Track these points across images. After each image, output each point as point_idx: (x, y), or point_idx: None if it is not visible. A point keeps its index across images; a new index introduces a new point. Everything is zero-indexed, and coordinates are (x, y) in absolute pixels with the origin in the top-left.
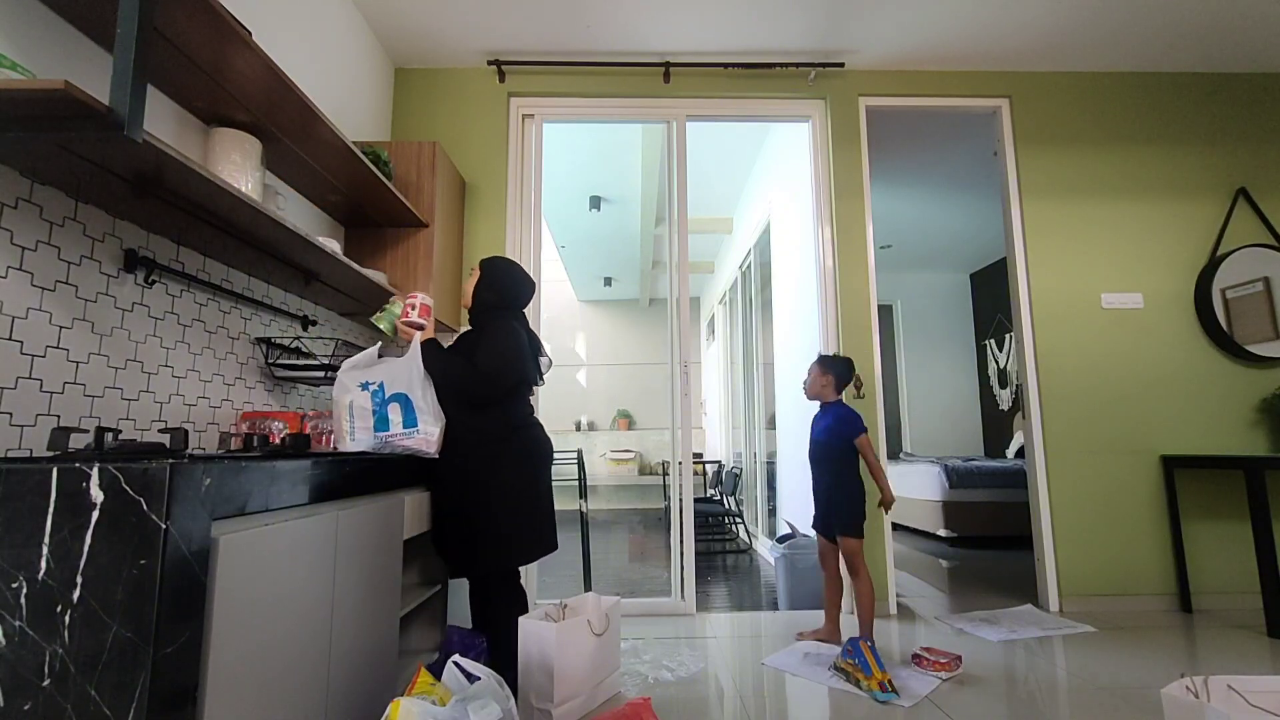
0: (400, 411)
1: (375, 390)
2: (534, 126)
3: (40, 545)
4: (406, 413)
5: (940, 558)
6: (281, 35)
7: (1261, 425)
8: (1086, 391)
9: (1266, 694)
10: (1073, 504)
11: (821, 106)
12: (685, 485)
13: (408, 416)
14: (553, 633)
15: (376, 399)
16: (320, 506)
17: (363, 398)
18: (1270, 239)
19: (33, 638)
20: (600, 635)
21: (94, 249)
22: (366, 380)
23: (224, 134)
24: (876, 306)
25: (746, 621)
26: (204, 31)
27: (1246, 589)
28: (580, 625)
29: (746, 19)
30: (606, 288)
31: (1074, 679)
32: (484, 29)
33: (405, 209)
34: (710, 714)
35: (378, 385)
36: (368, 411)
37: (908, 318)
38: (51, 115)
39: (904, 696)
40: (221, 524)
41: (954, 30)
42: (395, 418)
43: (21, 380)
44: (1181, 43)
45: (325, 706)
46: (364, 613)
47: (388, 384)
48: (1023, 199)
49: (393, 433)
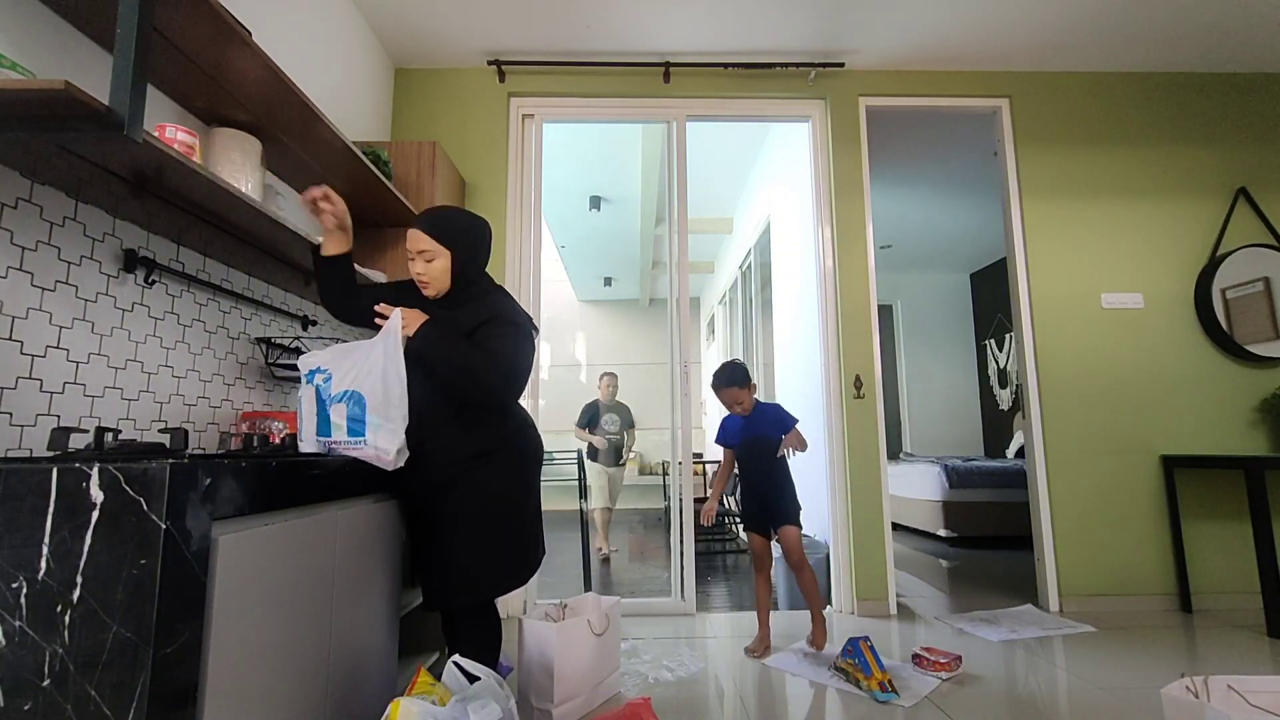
0: (345, 415)
1: (322, 383)
2: (534, 126)
3: (40, 545)
4: (354, 417)
5: (940, 558)
6: (281, 35)
7: (1261, 425)
8: (1086, 391)
9: (1266, 694)
10: (1073, 504)
11: (821, 106)
12: (685, 485)
13: (353, 424)
14: (554, 633)
15: (322, 393)
16: (320, 506)
17: (308, 391)
18: (1270, 239)
19: (33, 638)
20: (600, 635)
21: (94, 249)
22: (315, 367)
23: (224, 134)
24: (876, 306)
25: (746, 621)
26: (204, 31)
27: (1246, 589)
28: (580, 625)
29: (746, 19)
30: (606, 288)
31: (1074, 679)
32: (484, 29)
33: (405, 209)
34: (710, 714)
35: (325, 376)
36: (312, 410)
37: (908, 318)
38: (51, 115)
39: (904, 696)
40: (221, 524)
41: (954, 30)
42: (339, 421)
43: (21, 380)
44: (1181, 43)
45: (325, 706)
46: (364, 613)
47: (337, 376)
48: (1023, 199)
49: (335, 439)
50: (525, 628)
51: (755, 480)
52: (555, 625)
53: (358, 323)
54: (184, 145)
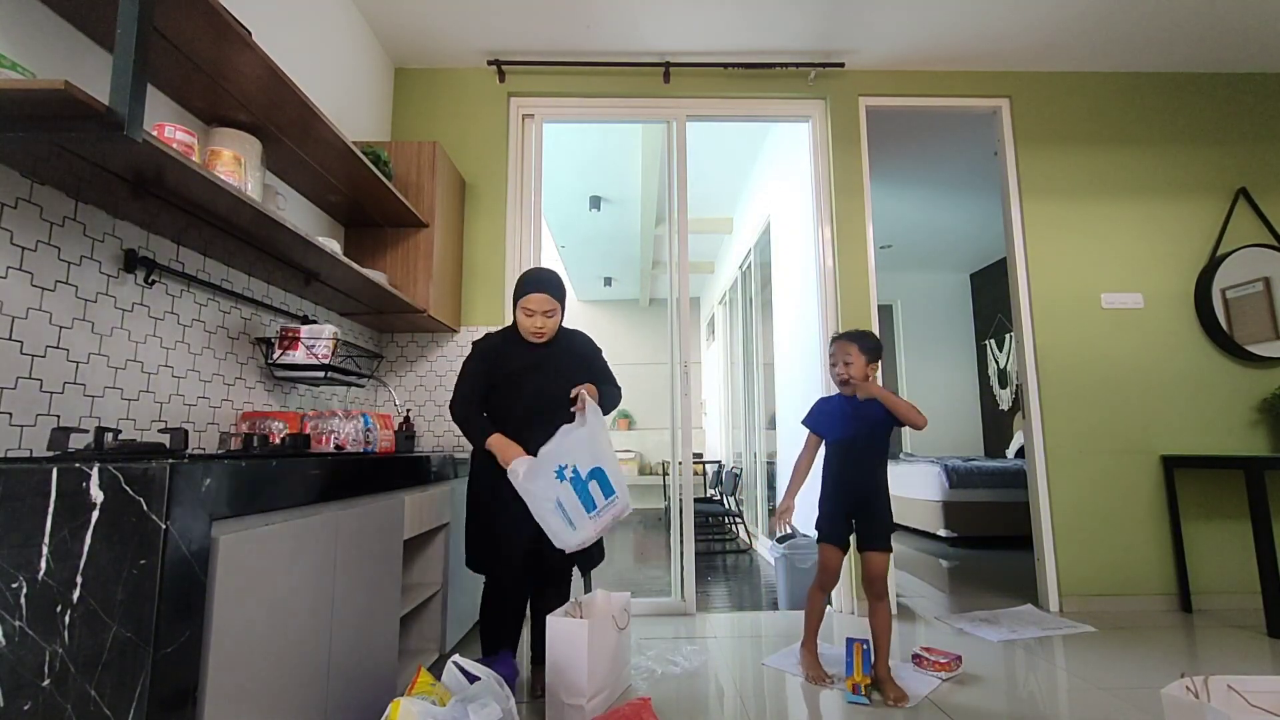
0: (599, 486)
1: (572, 475)
2: (534, 126)
3: (40, 545)
4: (604, 484)
5: (940, 558)
6: (281, 35)
7: (1261, 425)
8: (1086, 391)
9: (1266, 694)
10: (1073, 504)
11: (821, 106)
12: (685, 485)
13: (605, 488)
14: (585, 630)
15: (575, 483)
16: (320, 506)
17: (563, 489)
18: (1270, 239)
19: (33, 638)
20: (622, 630)
21: (94, 249)
22: (560, 465)
23: (224, 134)
24: (876, 306)
25: (746, 621)
26: (204, 31)
27: (1246, 589)
28: (607, 622)
29: (746, 19)
30: (606, 288)
31: (1074, 679)
32: (484, 29)
33: (405, 209)
34: (710, 713)
35: (572, 469)
36: (573, 500)
37: (908, 318)
38: (51, 115)
39: (887, 703)
40: (221, 524)
41: (954, 30)
42: (595, 492)
43: (21, 380)
44: (1182, 43)
45: (325, 706)
46: (364, 613)
47: (581, 465)
48: (1023, 199)
49: (599, 509)
50: (556, 626)
51: (851, 482)
52: (585, 623)
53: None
54: (183, 145)
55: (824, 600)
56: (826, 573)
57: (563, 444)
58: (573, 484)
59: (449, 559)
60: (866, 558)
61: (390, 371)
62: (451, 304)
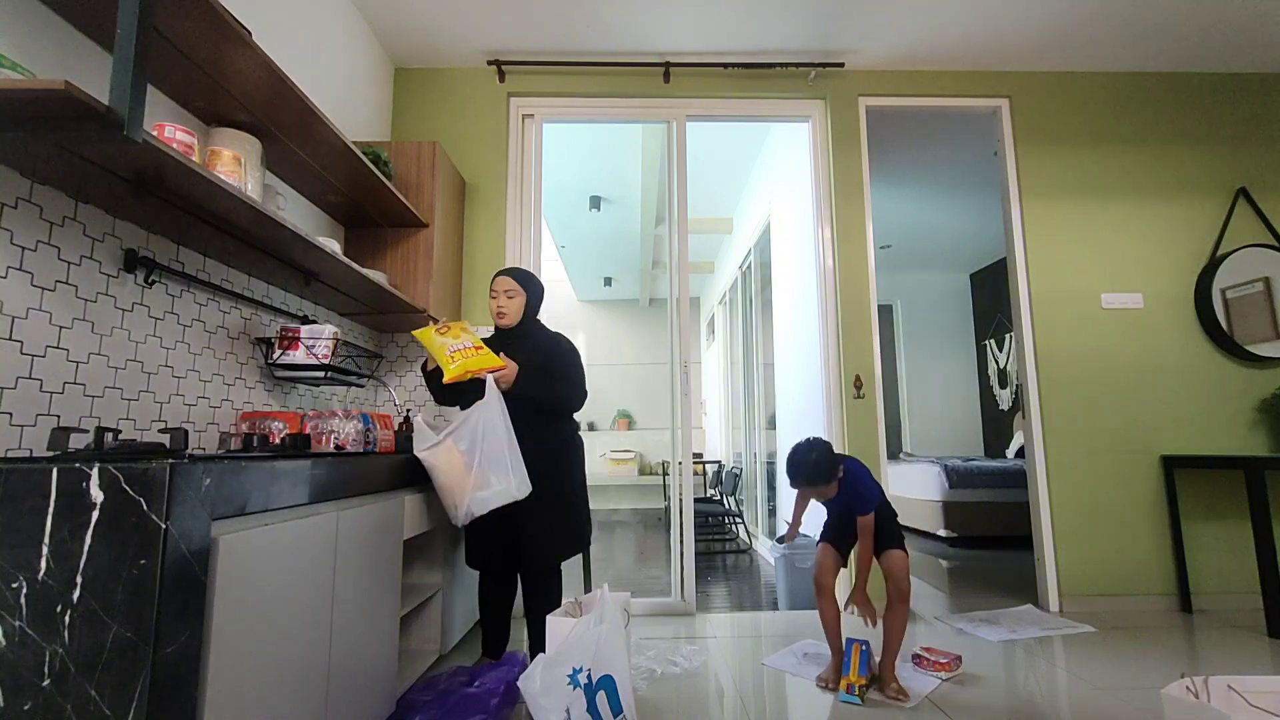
0: (607, 700)
1: (586, 682)
2: (534, 126)
3: (40, 545)
4: (612, 698)
5: (940, 558)
6: (281, 35)
7: (1261, 425)
8: (1086, 391)
9: (1266, 694)
10: (1073, 504)
11: (821, 106)
12: (685, 485)
13: (614, 701)
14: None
15: (589, 693)
16: (320, 506)
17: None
18: (1270, 239)
19: (33, 638)
20: (626, 628)
21: (94, 249)
22: (575, 668)
23: (224, 134)
24: (876, 306)
25: (746, 621)
26: (204, 31)
27: (1246, 589)
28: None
29: (746, 19)
30: (606, 288)
31: (1074, 679)
32: (484, 29)
33: (405, 209)
34: (710, 713)
35: (586, 673)
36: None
37: (908, 318)
38: (51, 115)
39: (877, 704)
40: (221, 524)
41: (954, 30)
42: (603, 707)
43: (21, 380)
44: (1182, 42)
45: (325, 706)
46: (364, 613)
47: (594, 667)
48: (1023, 199)
49: None
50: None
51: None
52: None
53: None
54: (183, 145)
55: (830, 607)
56: (821, 569)
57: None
58: (585, 692)
59: (449, 559)
60: (885, 557)
61: (390, 371)
62: (451, 304)
